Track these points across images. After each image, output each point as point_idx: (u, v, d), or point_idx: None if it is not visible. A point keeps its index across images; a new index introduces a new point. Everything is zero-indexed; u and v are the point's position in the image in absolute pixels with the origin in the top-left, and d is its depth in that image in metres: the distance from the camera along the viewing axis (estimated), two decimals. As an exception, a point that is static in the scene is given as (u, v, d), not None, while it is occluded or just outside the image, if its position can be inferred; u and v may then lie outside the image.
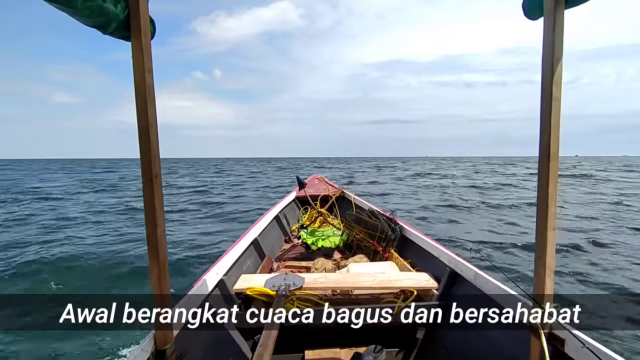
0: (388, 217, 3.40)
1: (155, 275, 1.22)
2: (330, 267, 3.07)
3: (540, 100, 1.25)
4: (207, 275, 1.98)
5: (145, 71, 1.15)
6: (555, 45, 1.19)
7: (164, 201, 1.26)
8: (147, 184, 1.19)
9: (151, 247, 1.21)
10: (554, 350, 1.27)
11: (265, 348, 1.23)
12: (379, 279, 2.28)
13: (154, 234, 1.20)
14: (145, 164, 1.18)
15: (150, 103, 1.17)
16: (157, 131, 1.22)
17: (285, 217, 4.65)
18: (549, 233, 1.25)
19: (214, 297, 2.00)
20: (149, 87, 1.17)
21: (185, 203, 14.17)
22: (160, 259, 1.22)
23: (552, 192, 1.24)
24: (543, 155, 1.25)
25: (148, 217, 1.20)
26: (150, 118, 1.17)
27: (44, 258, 6.20)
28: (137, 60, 1.15)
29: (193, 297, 1.73)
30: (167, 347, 1.27)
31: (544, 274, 1.27)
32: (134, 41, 1.14)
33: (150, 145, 1.18)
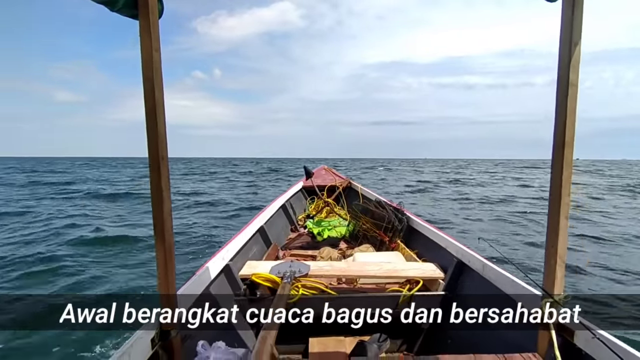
0: (395, 208, 3.37)
1: (161, 255, 1.22)
2: (336, 256, 3.06)
3: (557, 86, 1.21)
4: (212, 260, 1.98)
5: (152, 50, 1.13)
6: (574, 27, 1.15)
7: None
8: (155, 167, 1.18)
9: (157, 229, 1.21)
10: (562, 341, 1.24)
11: (270, 332, 1.23)
12: (385, 268, 2.26)
13: (160, 215, 1.20)
14: (153, 146, 1.17)
15: (157, 83, 1.15)
16: (165, 113, 1.20)
17: (292, 207, 4.65)
18: (561, 222, 1.22)
19: (219, 282, 2.00)
20: (157, 66, 1.15)
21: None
22: (166, 240, 1.21)
23: (566, 181, 1.21)
24: (558, 142, 1.21)
25: (155, 200, 1.20)
26: (157, 99, 1.15)
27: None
28: (144, 39, 1.13)
29: (199, 280, 1.73)
30: (171, 329, 1.28)
31: (554, 263, 1.24)
32: (142, 19, 1.12)
33: (158, 127, 1.16)
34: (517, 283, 1.58)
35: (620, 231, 8.10)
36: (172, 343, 1.29)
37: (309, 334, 2.20)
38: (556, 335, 1.26)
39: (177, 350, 1.31)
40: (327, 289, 2.16)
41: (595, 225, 8.86)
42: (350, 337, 2.20)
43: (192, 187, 20.16)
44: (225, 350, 1.21)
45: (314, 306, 2.02)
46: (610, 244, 6.91)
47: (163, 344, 1.27)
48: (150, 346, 1.22)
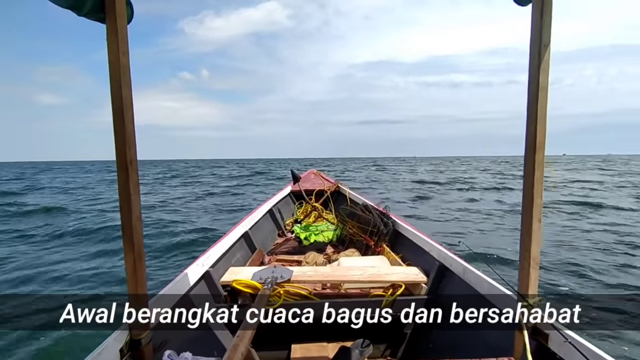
0: (381, 212, 3.37)
1: (130, 261, 1.19)
2: (322, 261, 3.04)
3: (527, 90, 1.22)
4: (191, 267, 1.95)
5: (120, 53, 1.11)
6: (543, 31, 1.16)
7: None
8: (122, 170, 1.15)
9: (126, 234, 1.18)
10: (537, 344, 1.24)
11: (242, 339, 1.20)
12: (368, 273, 2.25)
13: (128, 220, 1.17)
14: (120, 148, 1.14)
15: (125, 85, 1.14)
16: (133, 115, 1.18)
17: (279, 212, 4.62)
18: (534, 225, 1.22)
19: (198, 289, 1.97)
20: (124, 68, 1.13)
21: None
22: (135, 246, 1.19)
23: (537, 183, 1.21)
24: (529, 146, 1.22)
25: (123, 205, 1.17)
26: (125, 99, 1.13)
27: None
28: (111, 43, 1.11)
29: (175, 286, 1.70)
30: (142, 337, 1.24)
31: (528, 266, 1.24)
32: (109, 23, 1.11)
33: (125, 129, 1.14)
34: (495, 286, 1.58)
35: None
36: (142, 353, 1.25)
37: (292, 340, 2.18)
38: (531, 338, 1.25)
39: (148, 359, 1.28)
40: (310, 295, 2.14)
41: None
42: (333, 342, 2.18)
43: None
44: (192, 359, 1.18)
45: (296, 312, 2.00)
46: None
47: (133, 354, 1.24)
48: (118, 356, 1.19)
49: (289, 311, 1.98)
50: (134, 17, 1.22)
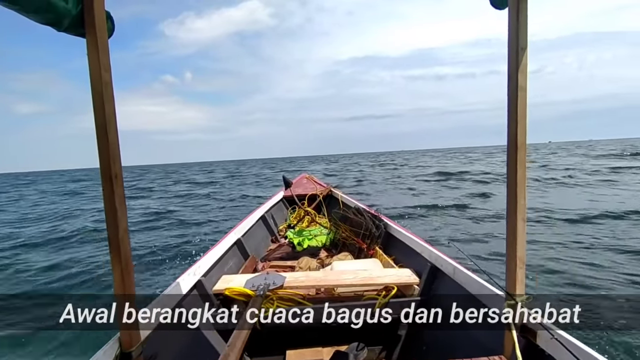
0: (373, 214, 3.38)
1: (117, 274, 1.18)
2: (315, 265, 3.04)
3: (507, 90, 1.24)
4: (183, 276, 1.94)
5: (101, 69, 1.11)
6: (520, 34, 1.19)
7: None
8: (107, 184, 1.15)
9: (113, 247, 1.18)
10: (526, 342, 1.26)
11: (233, 348, 1.20)
12: (361, 276, 2.26)
13: (115, 234, 1.17)
14: (104, 163, 1.14)
15: (107, 100, 1.14)
16: (117, 129, 1.18)
17: (272, 217, 4.62)
18: (519, 224, 1.24)
19: (190, 298, 1.96)
20: (106, 83, 1.13)
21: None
22: (122, 258, 1.18)
23: (520, 182, 1.23)
24: (511, 145, 1.24)
25: (109, 219, 1.17)
26: (107, 115, 1.14)
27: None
28: (92, 58, 1.11)
29: (167, 297, 1.69)
30: (133, 350, 1.23)
31: (515, 266, 1.26)
32: (89, 38, 1.11)
33: (109, 144, 1.14)
34: (484, 286, 1.60)
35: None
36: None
37: (286, 346, 2.17)
38: (520, 336, 1.27)
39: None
40: (303, 300, 2.14)
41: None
42: (328, 347, 2.18)
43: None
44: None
45: (290, 318, 2.00)
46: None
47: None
48: None
49: (282, 317, 1.98)
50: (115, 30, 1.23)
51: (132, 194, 19.85)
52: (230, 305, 2.10)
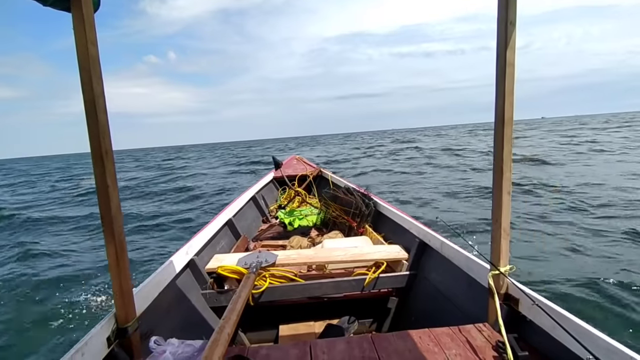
0: (362, 193, 3.42)
1: (112, 253, 1.19)
2: (306, 244, 3.09)
3: (496, 66, 1.26)
4: (175, 255, 1.96)
5: (88, 43, 1.09)
6: (509, 9, 1.19)
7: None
8: (98, 161, 1.15)
9: (106, 226, 1.18)
10: (509, 309, 1.32)
11: (228, 321, 1.23)
12: (351, 253, 2.31)
13: (108, 211, 1.17)
14: (95, 140, 1.14)
15: (95, 76, 1.12)
16: (106, 105, 1.17)
17: (263, 198, 4.63)
18: (504, 197, 1.28)
19: (183, 277, 1.98)
20: (94, 59, 1.11)
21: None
22: (116, 237, 1.19)
23: (506, 157, 1.26)
24: (498, 121, 1.26)
25: (101, 196, 1.17)
26: (96, 91, 1.12)
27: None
28: (78, 32, 1.09)
29: (160, 275, 1.71)
30: (128, 325, 1.26)
31: (499, 237, 1.30)
32: (75, 12, 1.08)
33: (99, 121, 1.13)
34: (470, 258, 1.65)
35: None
36: (130, 340, 1.27)
37: (279, 321, 2.23)
38: (504, 304, 1.33)
39: (136, 347, 1.29)
40: (296, 277, 2.19)
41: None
42: (319, 321, 2.25)
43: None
44: (180, 343, 1.21)
45: (283, 294, 2.05)
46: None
47: (120, 342, 1.25)
48: (106, 345, 1.21)
49: (275, 293, 2.02)
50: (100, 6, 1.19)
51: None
52: (223, 283, 2.14)
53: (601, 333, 0.99)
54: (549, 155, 15.54)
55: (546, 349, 1.18)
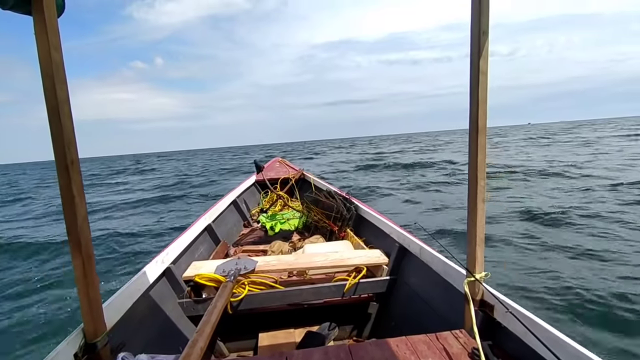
0: (344, 197, 3.42)
1: (78, 263, 1.15)
2: (287, 249, 3.06)
3: (469, 75, 1.27)
4: (150, 264, 1.90)
5: (51, 49, 1.04)
6: (481, 18, 1.20)
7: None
8: (62, 172, 1.10)
9: (72, 238, 1.13)
10: (484, 316, 1.33)
11: (202, 334, 1.20)
12: (331, 258, 2.30)
13: (74, 223, 1.13)
14: (59, 149, 1.09)
15: (59, 81, 1.07)
16: (71, 113, 1.12)
17: (245, 202, 4.58)
18: (479, 205, 1.29)
19: (159, 286, 1.93)
20: (57, 64, 1.07)
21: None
22: (83, 249, 1.14)
23: (480, 165, 1.27)
24: (472, 129, 1.27)
25: (66, 208, 1.12)
26: (60, 98, 1.07)
27: None
28: (40, 38, 1.04)
29: (134, 285, 1.66)
30: (97, 340, 1.21)
31: (475, 244, 1.32)
32: (36, 16, 1.03)
33: (63, 128, 1.08)
34: (447, 264, 1.66)
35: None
36: (99, 356, 1.22)
37: (259, 329, 2.20)
38: (480, 311, 1.34)
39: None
40: (275, 284, 2.16)
41: None
42: (299, 328, 2.23)
43: None
44: (149, 359, 1.17)
45: (262, 302, 2.02)
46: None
47: (89, 358, 1.21)
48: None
49: (254, 301, 1.99)
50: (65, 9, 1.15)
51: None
52: (201, 292, 2.10)
53: (570, 340, 1.00)
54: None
55: (519, 355, 1.19)
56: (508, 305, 1.21)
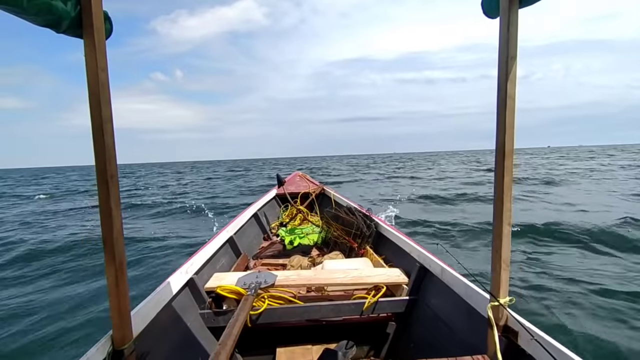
0: (364, 214, 3.42)
1: (111, 274, 1.20)
2: (306, 264, 3.07)
3: (497, 99, 1.28)
4: (175, 275, 1.96)
5: (98, 70, 1.12)
6: (510, 44, 1.22)
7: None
8: (103, 185, 1.17)
9: (107, 248, 1.19)
10: (508, 342, 1.30)
11: (224, 346, 1.22)
12: (351, 275, 2.29)
13: (110, 235, 1.18)
14: (101, 164, 1.16)
15: (104, 101, 1.15)
16: (113, 130, 1.19)
17: (265, 215, 4.64)
18: (505, 228, 1.28)
19: (182, 296, 1.98)
20: (103, 84, 1.14)
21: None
22: (117, 259, 1.20)
23: (507, 188, 1.27)
24: (499, 153, 1.28)
25: (104, 219, 1.18)
26: (104, 116, 1.15)
27: None
28: (90, 59, 1.12)
29: (159, 295, 1.71)
30: (125, 347, 1.25)
31: (499, 268, 1.30)
32: (86, 39, 1.12)
33: (105, 145, 1.15)
34: (470, 287, 1.64)
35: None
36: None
37: (277, 344, 2.20)
38: (503, 337, 1.31)
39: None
40: (294, 299, 2.18)
41: None
42: (317, 345, 2.22)
43: None
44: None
45: (280, 316, 2.03)
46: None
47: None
48: None
49: (273, 315, 2.01)
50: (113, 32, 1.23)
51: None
52: (222, 303, 2.13)
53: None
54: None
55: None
56: (533, 333, 1.18)
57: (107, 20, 1.19)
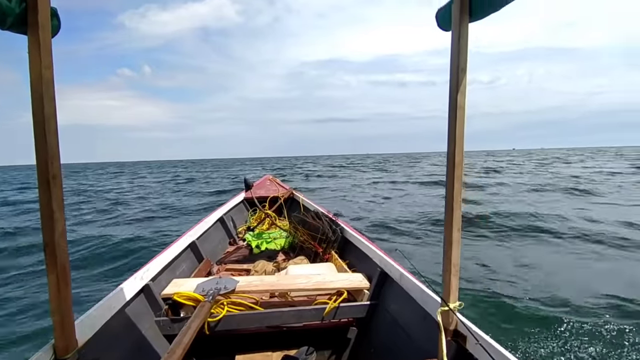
0: (330, 219, 3.44)
1: (53, 279, 1.14)
2: (271, 269, 3.04)
3: (448, 109, 1.32)
4: (129, 280, 1.89)
5: (42, 67, 1.08)
6: (460, 56, 1.27)
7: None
8: (44, 186, 1.11)
9: (49, 252, 1.13)
10: (457, 346, 1.34)
11: (172, 354, 1.19)
12: (314, 281, 2.29)
13: (51, 238, 1.13)
14: (42, 163, 1.10)
15: (47, 99, 1.10)
16: (57, 129, 1.14)
17: (232, 219, 4.56)
18: (455, 234, 1.32)
19: (136, 303, 1.91)
20: (47, 82, 1.10)
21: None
22: (59, 264, 1.14)
23: (456, 196, 1.31)
24: (449, 162, 1.32)
25: (45, 222, 1.13)
26: (47, 113, 1.10)
27: None
28: (33, 56, 1.07)
29: (110, 302, 1.64)
30: (68, 356, 1.19)
31: (449, 273, 1.34)
32: (31, 36, 1.07)
33: (47, 144, 1.10)
34: (425, 292, 1.68)
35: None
36: None
37: (236, 351, 2.16)
38: (453, 341, 1.35)
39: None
40: (255, 305, 2.15)
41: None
42: (278, 351, 2.20)
43: None
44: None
45: (240, 323, 2.00)
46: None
47: None
48: None
49: (232, 322, 1.97)
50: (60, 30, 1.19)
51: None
52: (180, 310, 2.07)
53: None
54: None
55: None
56: (479, 337, 1.22)
57: (54, 17, 1.14)
